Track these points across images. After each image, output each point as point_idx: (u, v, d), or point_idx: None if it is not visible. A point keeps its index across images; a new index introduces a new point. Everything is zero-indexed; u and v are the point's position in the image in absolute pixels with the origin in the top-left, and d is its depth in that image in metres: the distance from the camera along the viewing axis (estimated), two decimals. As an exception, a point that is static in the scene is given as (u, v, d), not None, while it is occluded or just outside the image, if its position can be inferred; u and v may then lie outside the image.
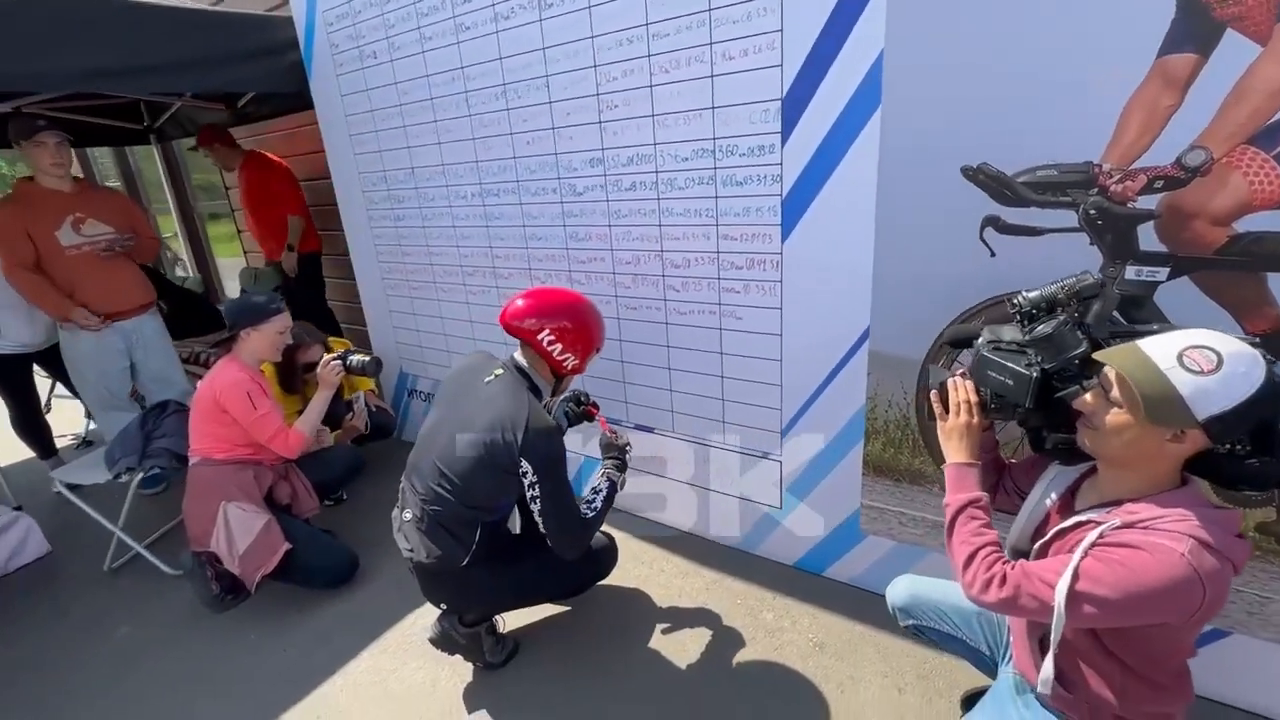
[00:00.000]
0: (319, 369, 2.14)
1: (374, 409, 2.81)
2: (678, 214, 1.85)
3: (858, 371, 1.68)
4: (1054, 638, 0.94)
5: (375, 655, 1.82)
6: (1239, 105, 1.13)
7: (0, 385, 2.83)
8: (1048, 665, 1.00)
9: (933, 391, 1.18)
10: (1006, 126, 1.32)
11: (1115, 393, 0.94)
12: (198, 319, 3.76)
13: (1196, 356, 0.86)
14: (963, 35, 1.31)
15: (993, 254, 1.41)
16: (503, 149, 2.15)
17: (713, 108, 1.68)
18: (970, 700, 1.48)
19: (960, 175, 1.40)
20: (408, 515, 1.60)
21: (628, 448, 1.74)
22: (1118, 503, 0.96)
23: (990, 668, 1.31)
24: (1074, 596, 0.90)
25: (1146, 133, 1.21)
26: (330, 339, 2.63)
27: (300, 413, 2.21)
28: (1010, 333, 1.13)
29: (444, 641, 1.70)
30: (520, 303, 1.58)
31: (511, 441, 1.42)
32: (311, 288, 3.53)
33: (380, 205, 2.71)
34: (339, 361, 2.14)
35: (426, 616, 1.83)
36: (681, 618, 1.87)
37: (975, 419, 1.11)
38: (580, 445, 2.39)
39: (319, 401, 2.14)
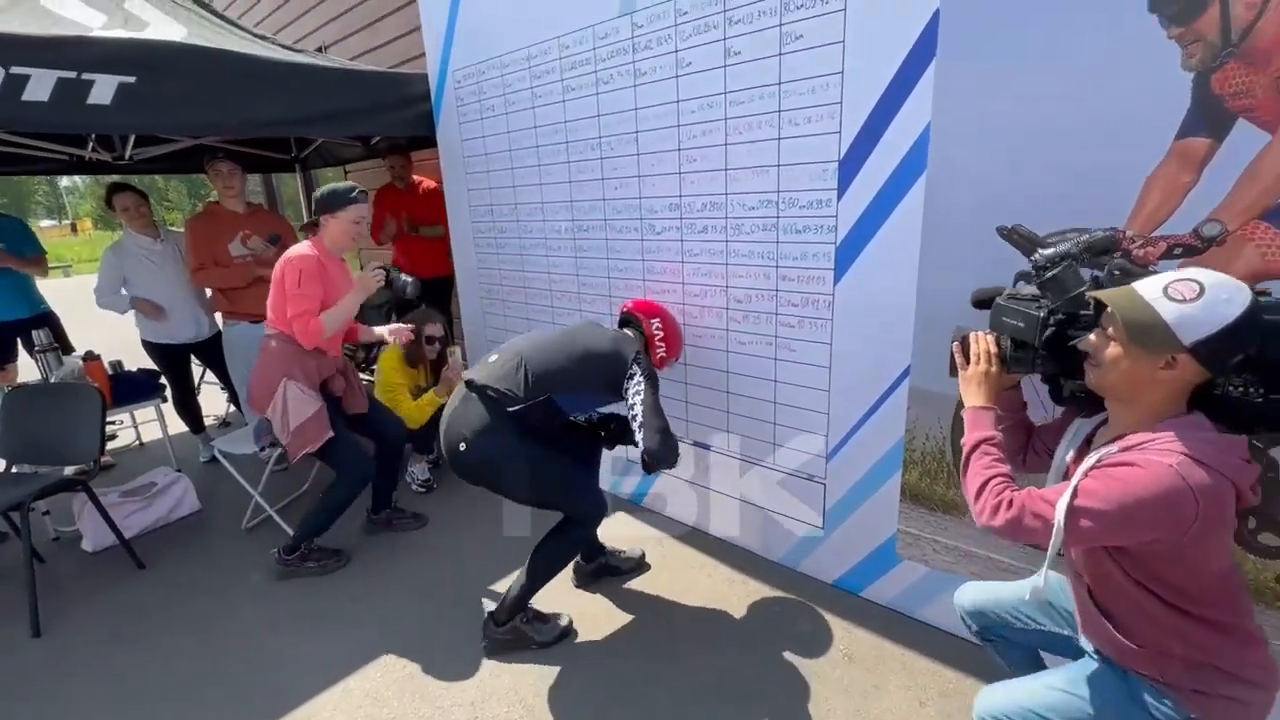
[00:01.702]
0: (361, 273, 2.34)
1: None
2: (743, 255, 2.09)
3: (899, 405, 1.84)
4: (1050, 551, 0.99)
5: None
6: (1251, 185, 1.25)
7: (167, 371, 3.43)
8: (1039, 575, 1.07)
9: (954, 343, 1.27)
10: (1038, 193, 1.48)
11: (1111, 326, 1.01)
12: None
13: (1180, 287, 0.93)
14: (1000, 113, 1.49)
15: (1024, 305, 1.56)
16: (594, 192, 2.47)
17: (778, 165, 1.93)
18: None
19: (996, 234, 1.57)
20: (493, 357, 1.89)
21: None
22: (1122, 438, 1.01)
23: (1074, 650, 1.29)
24: (1072, 512, 0.96)
25: (1165, 205, 1.34)
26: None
27: (423, 387, 2.63)
28: (1027, 289, 1.23)
29: (495, 648, 1.95)
30: (644, 300, 2.18)
31: (629, 353, 1.88)
32: (436, 305, 3.92)
33: (485, 234, 3.11)
34: (381, 269, 2.36)
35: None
36: (724, 620, 2.05)
37: (994, 368, 1.18)
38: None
39: (349, 300, 2.25)
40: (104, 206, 3.29)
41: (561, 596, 2.18)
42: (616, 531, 2.55)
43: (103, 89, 2.23)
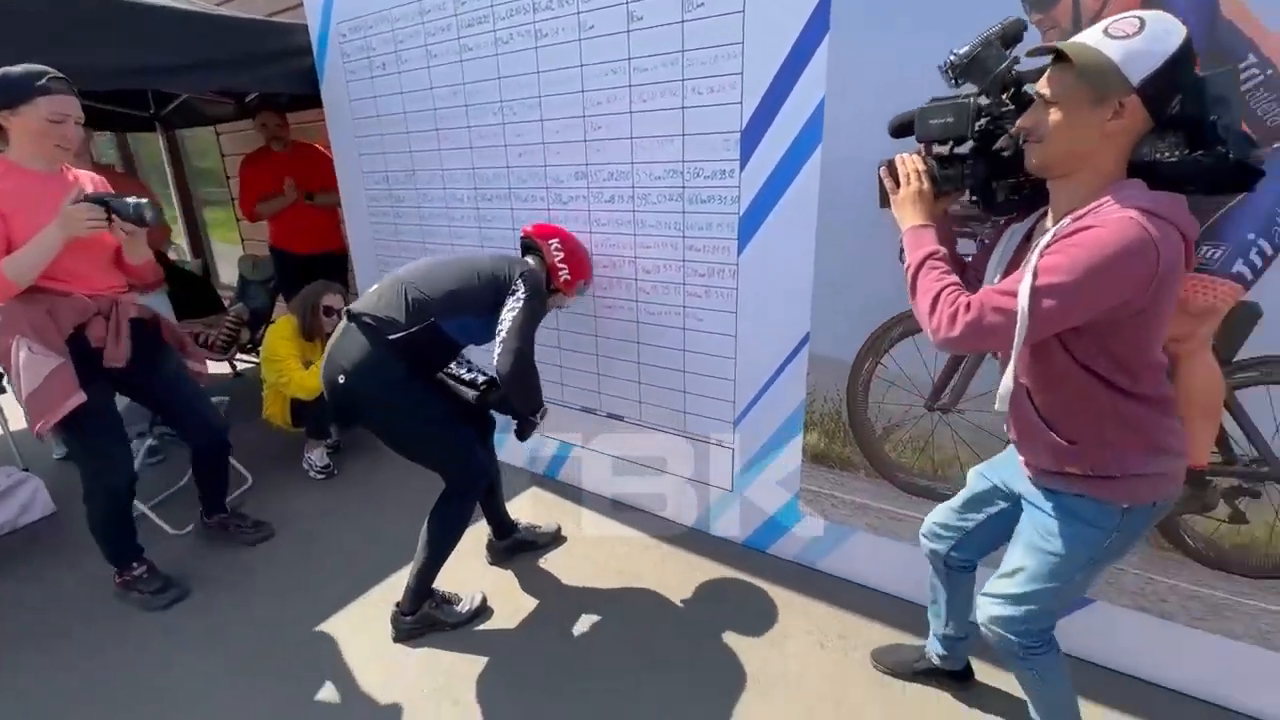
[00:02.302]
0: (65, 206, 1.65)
1: None
2: (650, 225, 2.09)
3: (799, 370, 1.93)
4: (1017, 344, 0.97)
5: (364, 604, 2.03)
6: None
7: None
8: (1006, 380, 1.04)
9: (881, 168, 1.23)
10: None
11: (1049, 91, 0.98)
12: (200, 301, 3.93)
13: (1120, 25, 0.92)
14: (891, 85, 1.56)
15: (909, 273, 1.67)
16: (498, 159, 2.38)
17: (683, 135, 1.93)
18: (879, 655, 1.73)
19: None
20: (373, 288, 1.78)
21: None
22: (1071, 212, 0.99)
23: (1012, 526, 1.31)
24: (1035, 294, 0.94)
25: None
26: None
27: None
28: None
29: (405, 637, 1.88)
30: (542, 224, 2.06)
31: (515, 271, 1.80)
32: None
33: (381, 203, 2.92)
34: (96, 202, 1.67)
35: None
36: (639, 586, 2.09)
37: (925, 185, 1.16)
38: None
39: (44, 238, 1.64)
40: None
41: (474, 577, 2.14)
42: (530, 507, 2.53)
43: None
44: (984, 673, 1.65)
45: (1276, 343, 1.31)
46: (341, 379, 1.67)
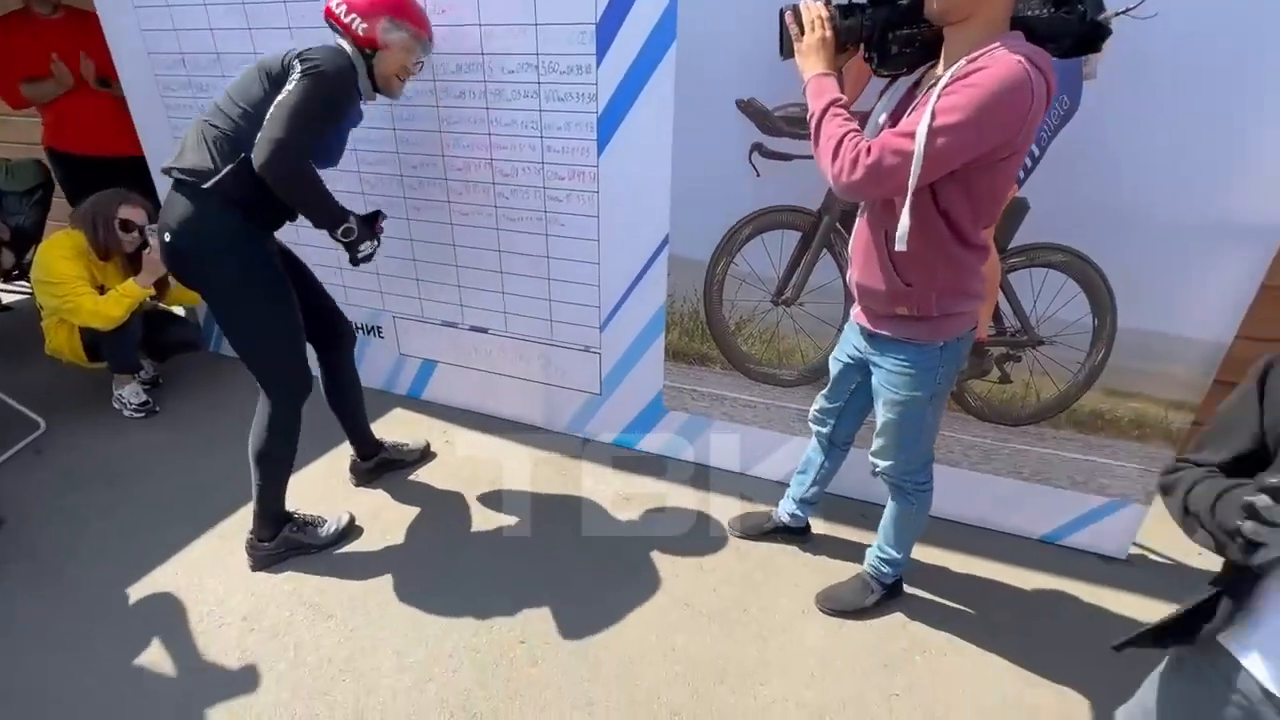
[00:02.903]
0: None
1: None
2: (505, 124, 1.99)
3: (660, 272, 2.00)
4: (911, 184, 1.06)
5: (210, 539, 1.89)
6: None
7: None
8: (904, 218, 1.10)
9: (785, 13, 1.25)
10: (768, 68, 1.63)
11: None
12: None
13: None
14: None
15: (758, 174, 1.77)
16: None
17: (535, 24, 1.82)
18: (733, 522, 1.95)
19: (735, 107, 1.72)
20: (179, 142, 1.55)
21: (365, 246, 1.62)
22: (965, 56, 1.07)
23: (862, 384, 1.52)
24: (932, 134, 1.02)
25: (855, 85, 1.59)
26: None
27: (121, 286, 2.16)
28: None
29: (265, 564, 1.79)
30: None
31: (295, 55, 1.47)
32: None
33: (179, 94, 2.46)
34: None
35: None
36: (513, 490, 2.14)
37: (829, 33, 1.19)
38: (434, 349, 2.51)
39: None
40: None
41: (338, 500, 2.06)
42: (396, 428, 2.45)
43: None
44: (817, 526, 1.94)
45: (1037, 232, 1.60)
46: (168, 236, 1.52)
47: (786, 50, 1.28)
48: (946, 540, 1.91)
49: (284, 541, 1.80)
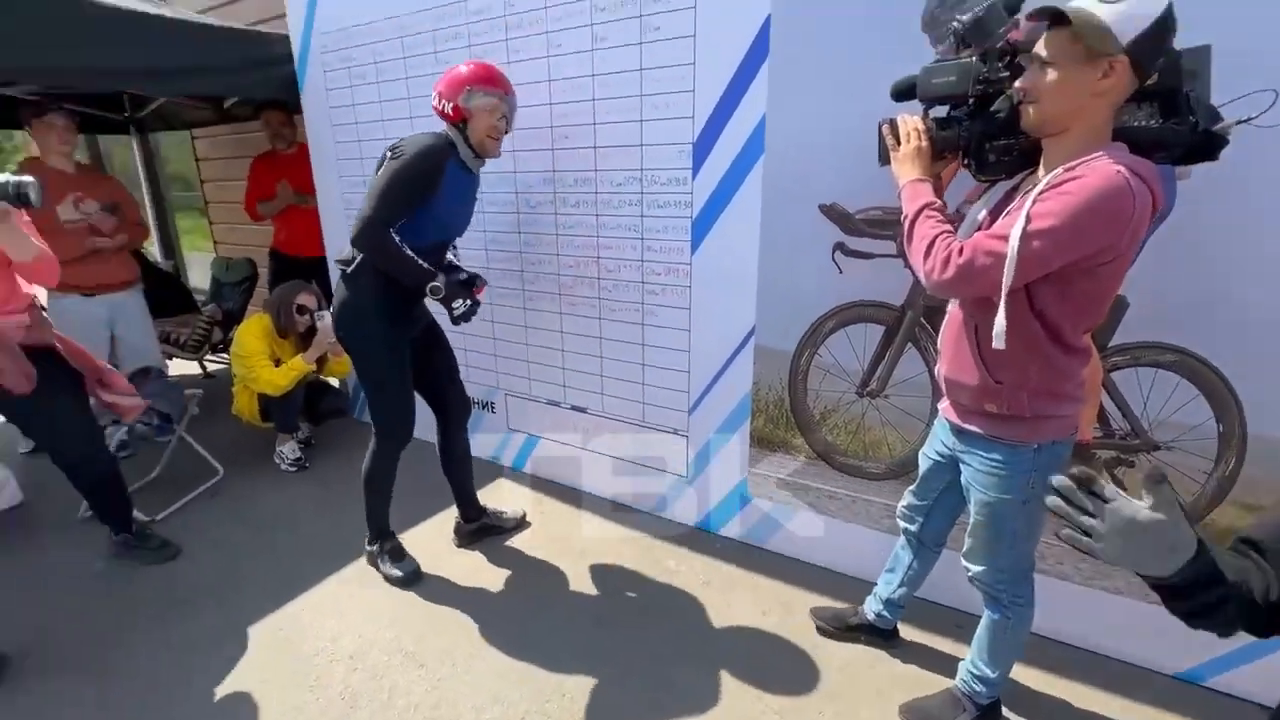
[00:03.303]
0: None
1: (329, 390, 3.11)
2: (611, 228, 2.26)
3: (746, 361, 2.10)
4: (1005, 284, 1.07)
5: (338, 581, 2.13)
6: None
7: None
8: (1000, 319, 1.10)
9: (883, 125, 1.30)
10: (849, 176, 1.77)
11: (1046, 52, 1.07)
12: (173, 299, 3.97)
13: None
14: (825, 104, 1.76)
15: (840, 271, 1.87)
16: (470, 165, 2.53)
17: (641, 145, 2.11)
18: (818, 611, 1.89)
19: (818, 211, 1.85)
20: None
21: (457, 304, 1.86)
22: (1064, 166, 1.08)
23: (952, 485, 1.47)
24: (1025, 237, 1.03)
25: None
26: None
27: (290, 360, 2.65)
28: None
29: (369, 558, 2.08)
30: None
31: (390, 145, 1.80)
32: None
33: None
34: None
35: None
36: (599, 565, 2.23)
37: (925, 143, 1.24)
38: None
39: None
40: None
41: (441, 555, 2.25)
42: (498, 496, 2.65)
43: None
44: (906, 632, 1.83)
45: (1139, 331, 1.53)
46: (328, 317, 1.94)
47: (883, 158, 1.35)
48: (1059, 665, 1.72)
49: (370, 556, 2.19)
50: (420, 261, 1.80)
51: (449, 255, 2.05)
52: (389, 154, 1.80)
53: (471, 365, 2.80)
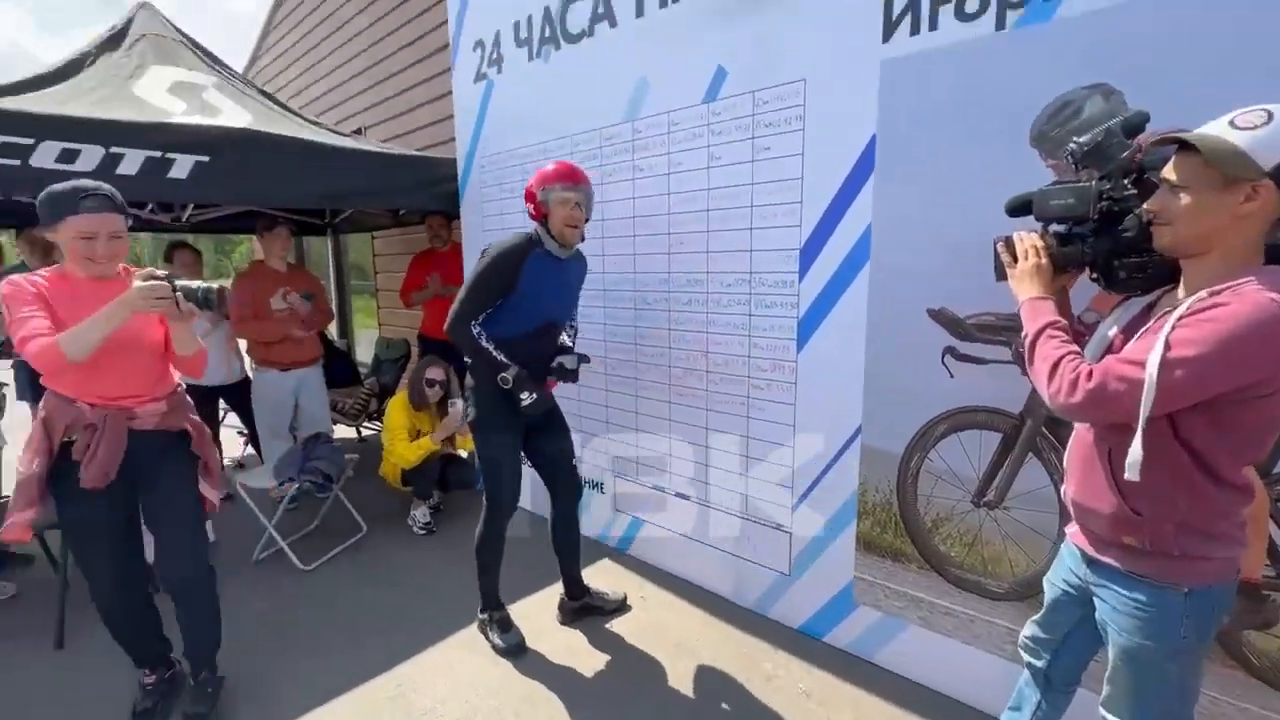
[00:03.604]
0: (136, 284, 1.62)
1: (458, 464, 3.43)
2: (720, 326, 2.40)
3: (852, 460, 2.08)
4: (1143, 414, 0.97)
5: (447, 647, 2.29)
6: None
7: (197, 410, 3.70)
8: (1135, 447, 1.00)
9: (998, 243, 1.26)
10: (958, 282, 1.78)
11: (1176, 176, 1.01)
12: (342, 372, 4.63)
13: (1247, 118, 0.97)
14: (931, 215, 1.82)
15: (951, 375, 1.84)
16: (596, 267, 2.81)
17: (750, 251, 2.26)
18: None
19: (926, 315, 1.86)
20: None
21: (524, 396, 2.00)
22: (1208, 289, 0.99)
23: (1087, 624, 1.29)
24: (1166, 365, 0.93)
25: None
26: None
27: (426, 433, 2.93)
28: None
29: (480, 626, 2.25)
30: None
31: (490, 244, 2.06)
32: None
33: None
34: (164, 280, 1.63)
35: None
36: (696, 659, 2.21)
37: (1044, 260, 1.18)
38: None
39: (103, 315, 1.58)
40: (163, 260, 3.64)
41: (544, 631, 2.35)
42: (601, 577, 2.73)
43: (181, 166, 2.63)
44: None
45: (1313, 457, 1.36)
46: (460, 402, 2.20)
47: (1000, 274, 1.32)
48: None
49: (480, 625, 2.32)
50: (495, 354, 2.01)
51: (564, 337, 2.27)
52: (481, 254, 2.06)
53: (584, 445, 2.99)
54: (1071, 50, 1.55)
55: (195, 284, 1.69)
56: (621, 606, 2.51)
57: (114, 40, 3.33)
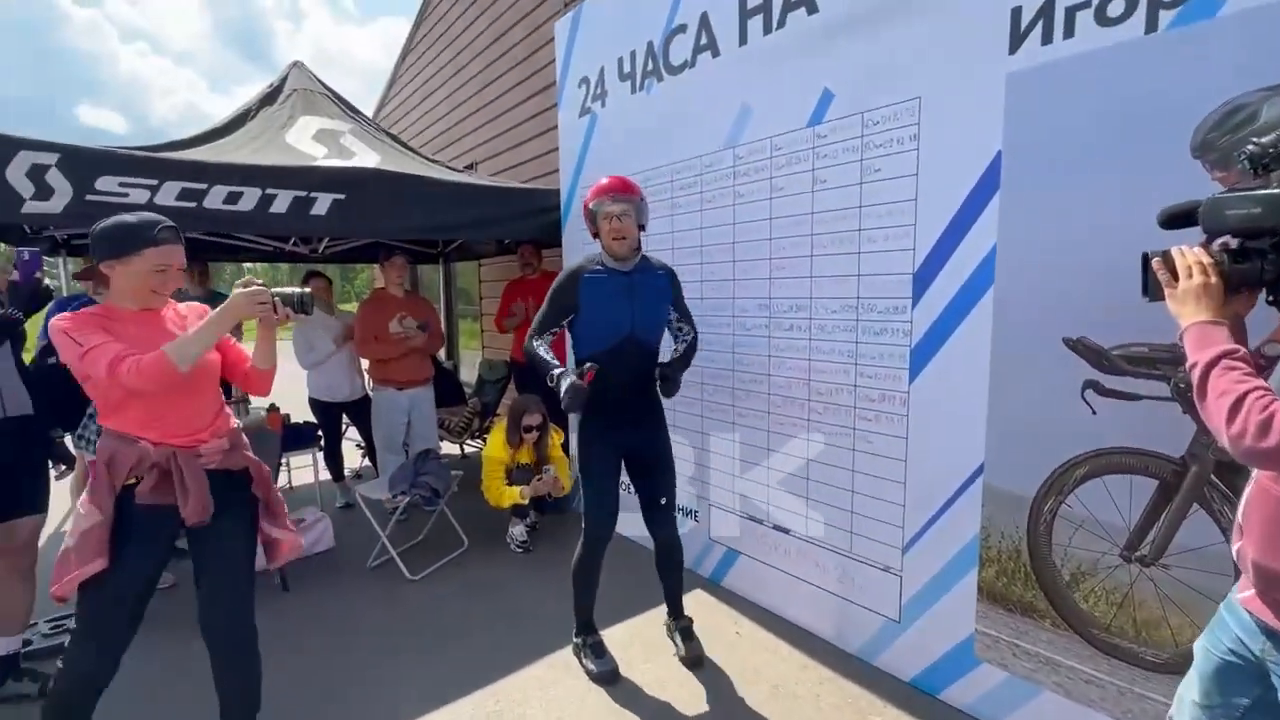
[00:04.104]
0: (234, 289, 1.63)
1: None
2: (824, 352, 2.30)
3: (973, 501, 1.91)
4: None
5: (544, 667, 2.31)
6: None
7: (323, 424, 4.04)
8: None
9: (1154, 260, 1.13)
10: (1099, 309, 1.61)
11: None
12: (449, 391, 4.89)
13: None
14: (1067, 235, 1.66)
15: (1094, 412, 1.65)
16: (694, 292, 2.81)
17: (858, 275, 2.17)
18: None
19: (1063, 344, 1.69)
20: None
21: (571, 387, 2.01)
22: None
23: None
24: None
25: (1224, 326, 1.43)
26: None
27: (523, 464, 3.01)
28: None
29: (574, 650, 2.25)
30: None
31: None
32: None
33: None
34: (264, 288, 1.63)
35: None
36: (792, 702, 2.09)
37: (1214, 279, 1.04)
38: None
39: (211, 323, 1.56)
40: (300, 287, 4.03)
41: (635, 661, 2.32)
42: (693, 608, 2.65)
43: (322, 204, 2.92)
44: None
45: None
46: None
47: (1153, 293, 1.15)
48: None
49: (575, 648, 2.33)
50: (545, 355, 2.14)
51: (675, 344, 2.31)
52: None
53: (679, 472, 2.95)
54: (1238, 50, 1.38)
55: (289, 289, 1.70)
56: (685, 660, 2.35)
57: (271, 96, 3.79)
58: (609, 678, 2.21)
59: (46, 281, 2.24)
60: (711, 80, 2.64)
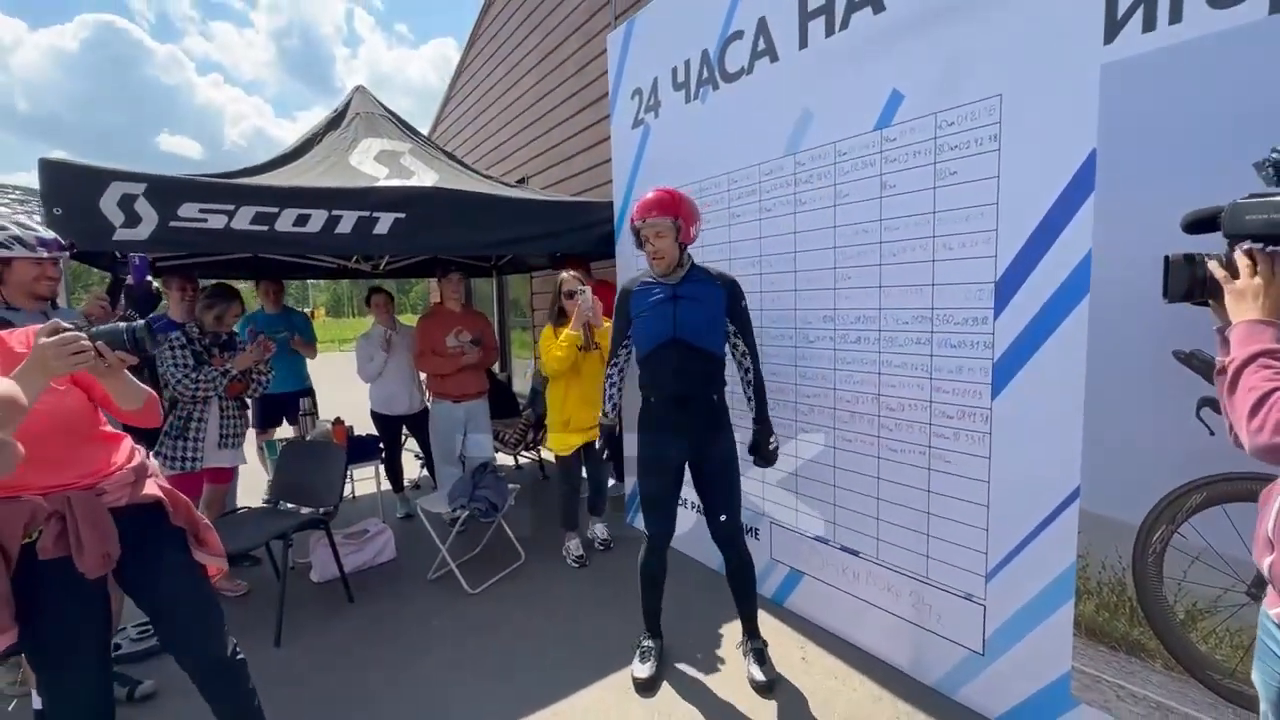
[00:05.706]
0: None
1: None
2: (895, 366, 2.19)
3: (1068, 528, 1.76)
4: None
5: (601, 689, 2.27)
6: None
7: (384, 436, 4.14)
8: None
9: (1211, 262, 1.12)
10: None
11: None
12: (503, 403, 4.95)
13: None
14: (1178, 237, 1.51)
15: (1211, 433, 1.49)
16: (754, 303, 2.72)
17: (932, 285, 2.05)
18: None
19: (1173, 358, 1.54)
20: None
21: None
22: None
23: None
24: None
25: None
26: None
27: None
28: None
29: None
30: None
31: None
32: None
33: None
34: (75, 335, 1.33)
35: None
36: (869, 737, 1.98)
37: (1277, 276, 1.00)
38: (788, 556, 2.67)
39: (13, 383, 1.21)
40: (363, 302, 4.17)
41: (700, 687, 2.25)
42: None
43: (383, 223, 2.99)
44: None
45: None
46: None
47: (1173, 293, 1.17)
48: None
49: (640, 648, 2.38)
50: (607, 400, 2.40)
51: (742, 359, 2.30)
52: None
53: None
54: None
55: (116, 325, 1.42)
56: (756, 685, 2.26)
57: (335, 121, 3.93)
58: (643, 685, 2.25)
59: (155, 284, 2.35)
60: (770, 86, 2.56)
